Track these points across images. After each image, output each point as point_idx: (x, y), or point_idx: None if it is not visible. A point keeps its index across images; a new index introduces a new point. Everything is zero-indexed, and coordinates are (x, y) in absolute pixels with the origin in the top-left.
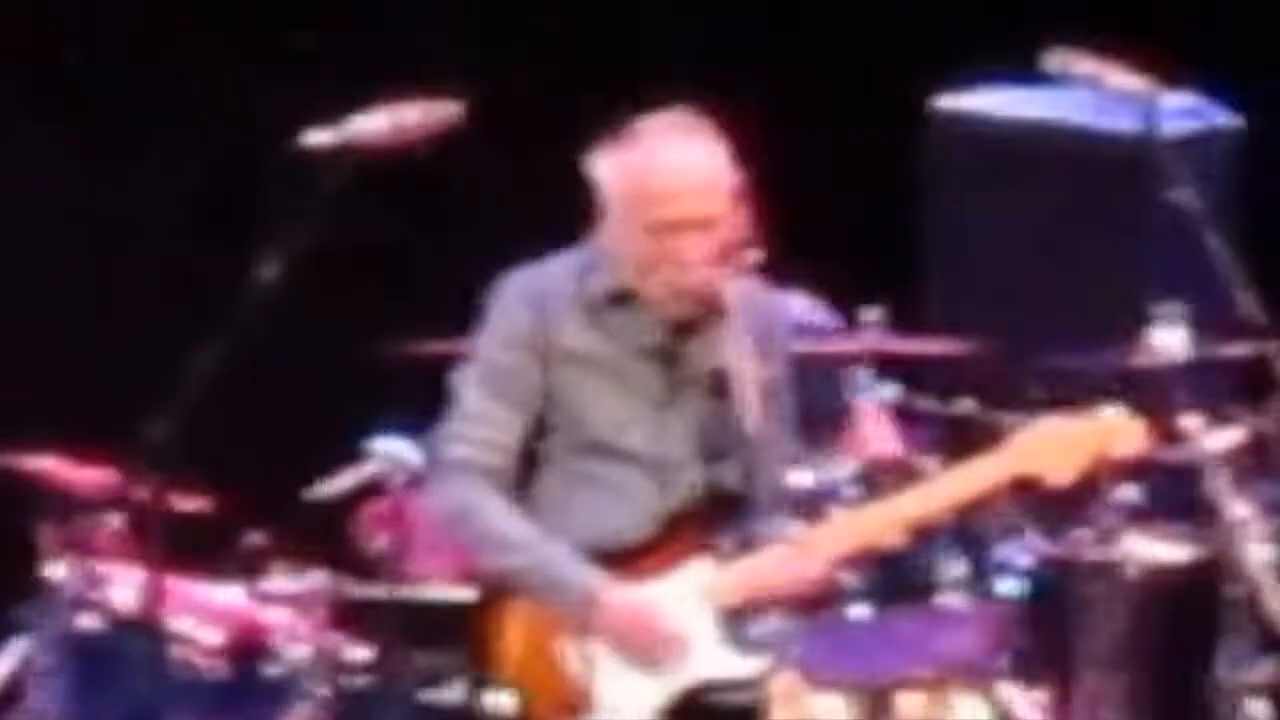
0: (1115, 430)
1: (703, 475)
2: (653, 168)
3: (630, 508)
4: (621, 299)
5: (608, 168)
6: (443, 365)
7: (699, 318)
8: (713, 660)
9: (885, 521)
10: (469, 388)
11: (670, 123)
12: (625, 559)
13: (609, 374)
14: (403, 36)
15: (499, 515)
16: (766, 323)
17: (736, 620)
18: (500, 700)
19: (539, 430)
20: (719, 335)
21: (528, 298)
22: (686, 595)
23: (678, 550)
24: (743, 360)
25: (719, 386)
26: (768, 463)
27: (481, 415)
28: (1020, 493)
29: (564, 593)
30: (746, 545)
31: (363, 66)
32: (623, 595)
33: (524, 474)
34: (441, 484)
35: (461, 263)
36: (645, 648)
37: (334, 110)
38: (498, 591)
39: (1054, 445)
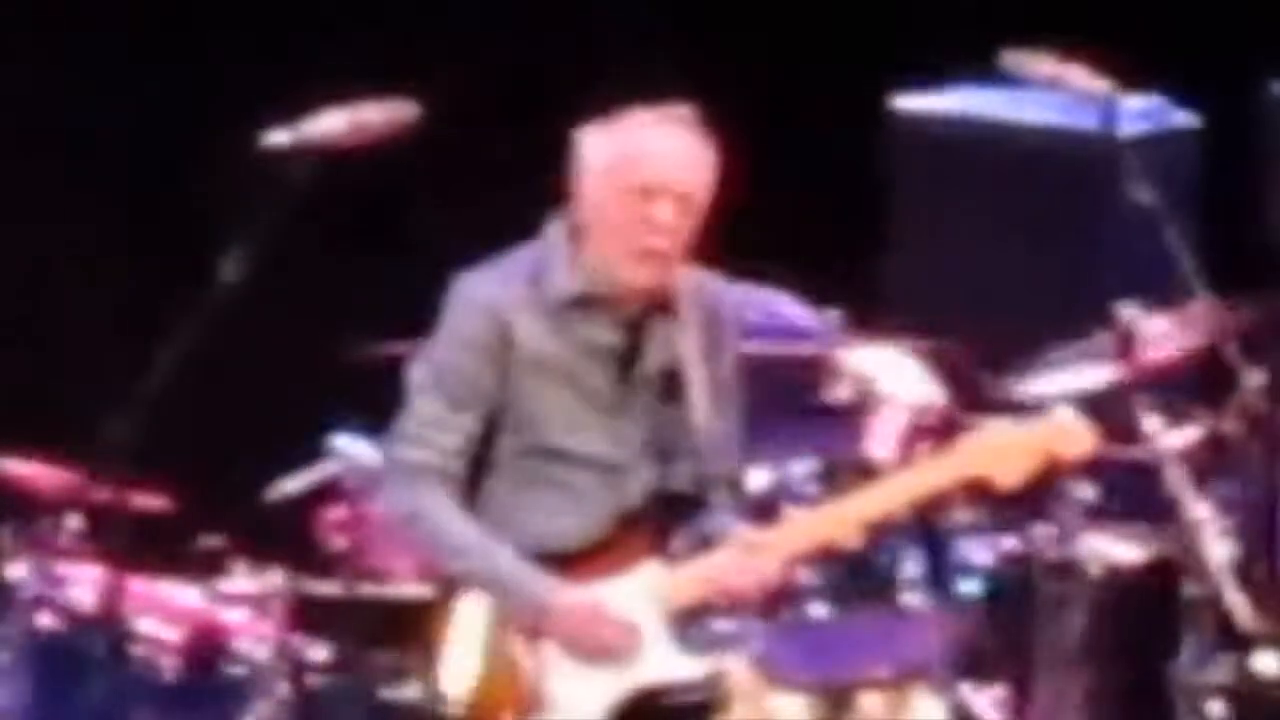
0: (1065, 433)
1: (654, 477)
2: (641, 135)
3: (582, 510)
4: (578, 302)
5: (593, 137)
6: (402, 365)
7: (651, 316)
8: (663, 661)
9: (838, 521)
10: (423, 390)
11: (660, 113)
12: (577, 561)
13: (563, 377)
14: (361, 35)
15: (450, 520)
16: (716, 316)
17: (688, 621)
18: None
19: (492, 433)
20: (670, 334)
21: (482, 301)
22: (637, 596)
23: (629, 552)
24: (694, 359)
25: (671, 386)
26: (720, 463)
27: (435, 418)
28: (973, 494)
29: (515, 596)
30: (700, 545)
31: (321, 65)
32: (573, 596)
33: (476, 476)
34: (394, 486)
35: (421, 261)
36: (596, 648)
37: (292, 109)
38: (451, 591)
39: (1003, 448)
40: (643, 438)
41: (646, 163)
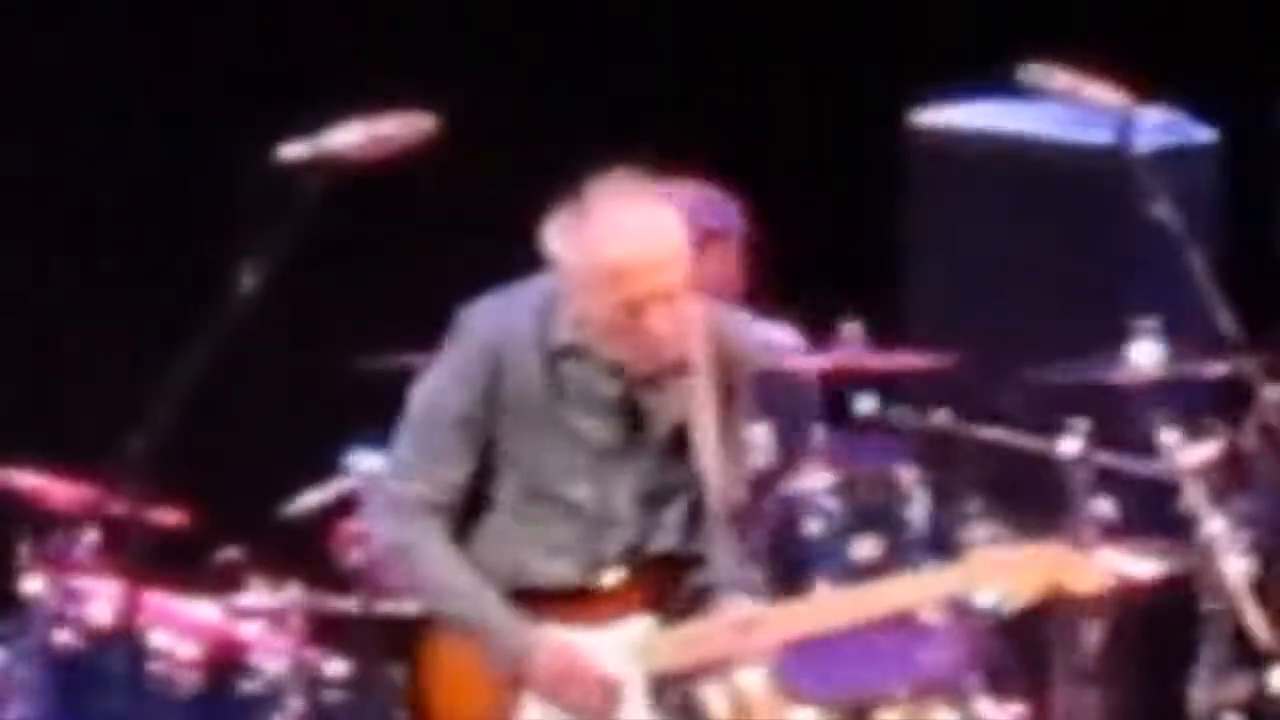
0: (1073, 568)
1: (642, 530)
2: (611, 247)
3: (566, 555)
4: (575, 351)
5: (564, 244)
6: (418, 379)
7: (659, 375)
8: None
9: (833, 613)
10: (420, 420)
11: (619, 191)
12: (560, 603)
13: (561, 423)
14: (377, 50)
15: (439, 558)
16: (729, 354)
17: (669, 684)
18: None
19: (486, 472)
20: (680, 389)
21: (487, 341)
22: (623, 651)
23: (618, 603)
24: (705, 411)
25: (679, 442)
26: (726, 519)
27: (432, 451)
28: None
29: (497, 643)
30: (696, 603)
31: (338, 77)
32: (557, 644)
33: (468, 513)
34: (386, 516)
35: (436, 276)
36: (573, 701)
37: (310, 123)
38: (430, 631)
39: (1011, 570)
40: (639, 490)
41: (629, 279)
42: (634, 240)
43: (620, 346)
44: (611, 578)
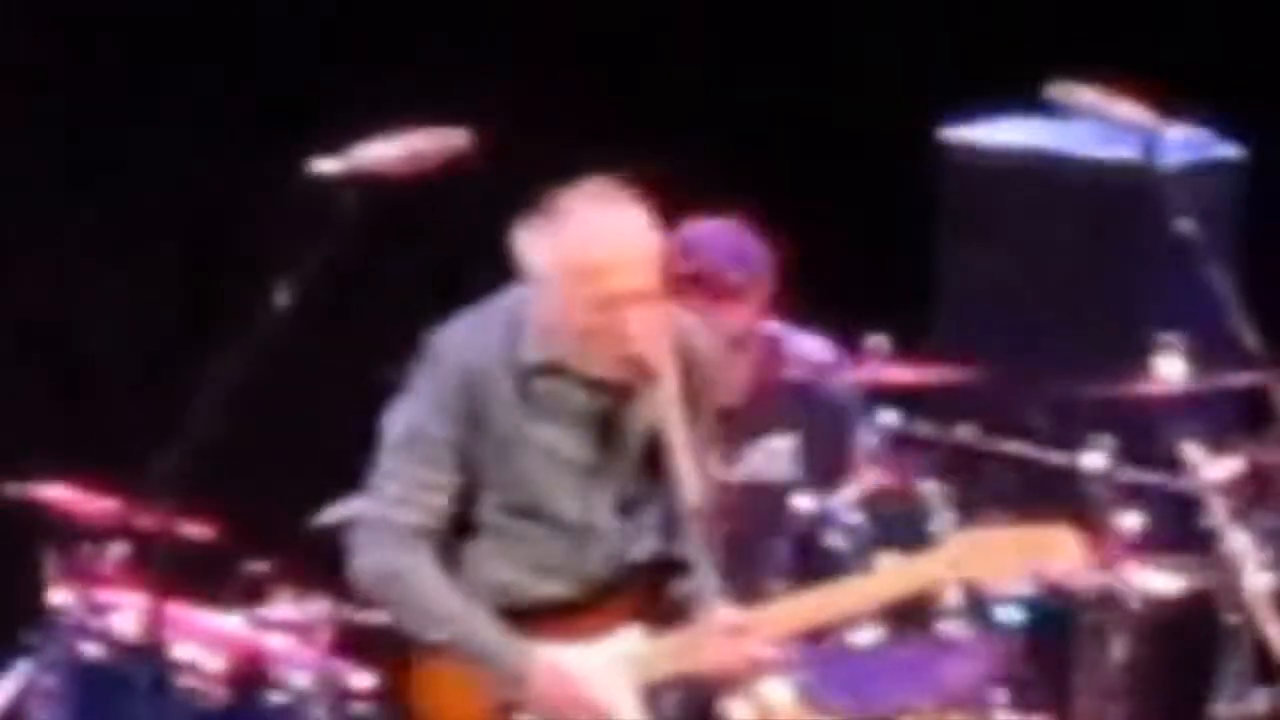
0: (1054, 545)
1: (625, 541)
2: (589, 243)
3: (553, 571)
4: (547, 369)
5: (539, 245)
6: None
7: (630, 384)
8: None
9: (821, 609)
10: (401, 448)
11: (593, 194)
12: (552, 624)
13: (538, 441)
14: (412, 64)
15: (428, 584)
16: (693, 357)
17: (661, 693)
18: None
19: (468, 494)
20: (650, 399)
21: (458, 366)
22: (613, 664)
23: (608, 616)
24: (675, 416)
25: (653, 449)
26: (702, 526)
27: (418, 479)
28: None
29: (491, 666)
30: (678, 610)
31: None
32: (550, 664)
33: (451, 535)
34: (375, 546)
35: (465, 290)
36: (572, 717)
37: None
38: (417, 654)
39: (991, 552)
40: (618, 500)
41: (605, 275)
42: (609, 239)
43: (591, 350)
44: (597, 590)
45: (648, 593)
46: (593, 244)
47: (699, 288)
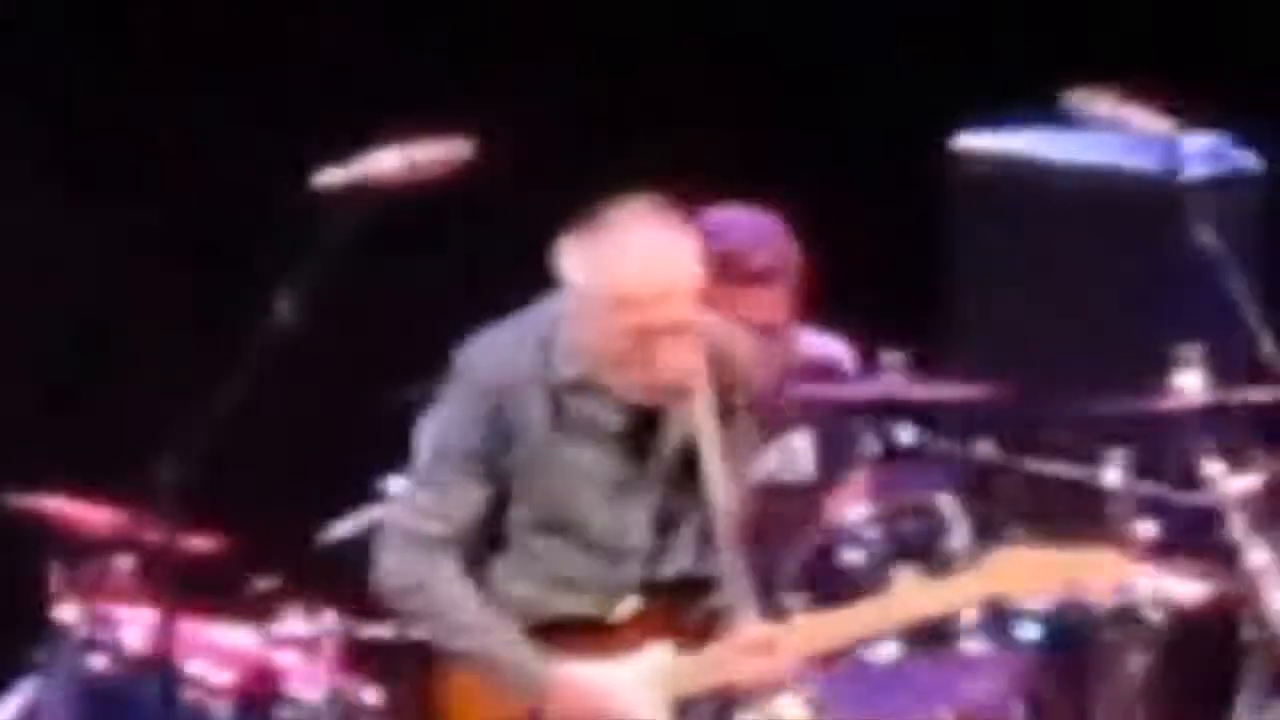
0: (1094, 565)
1: (657, 558)
2: (632, 273)
3: (587, 589)
4: (580, 385)
5: (578, 265)
6: None
7: (663, 402)
8: None
9: (853, 626)
10: (434, 460)
11: (640, 216)
12: (581, 640)
13: (569, 457)
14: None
15: (453, 595)
16: (728, 369)
17: (691, 708)
18: None
19: (498, 508)
20: (684, 414)
21: (489, 382)
22: (643, 679)
23: (636, 632)
24: (708, 431)
25: (686, 465)
26: (734, 541)
27: (449, 491)
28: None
29: (515, 678)
30: (709, 625)
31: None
32: (576, 677)
33: (481, 549)
34: (402, 555)
35: (474, 305)
36: None
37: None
38: (446, 663)
39: (1029, 569)
40: (652, 519)
41: (639, 306)
42: (647, 267)
43: (624, 376)
44: (628, 607)
45: (678, 609)
46: (635, 274)
47: (725, 272)
